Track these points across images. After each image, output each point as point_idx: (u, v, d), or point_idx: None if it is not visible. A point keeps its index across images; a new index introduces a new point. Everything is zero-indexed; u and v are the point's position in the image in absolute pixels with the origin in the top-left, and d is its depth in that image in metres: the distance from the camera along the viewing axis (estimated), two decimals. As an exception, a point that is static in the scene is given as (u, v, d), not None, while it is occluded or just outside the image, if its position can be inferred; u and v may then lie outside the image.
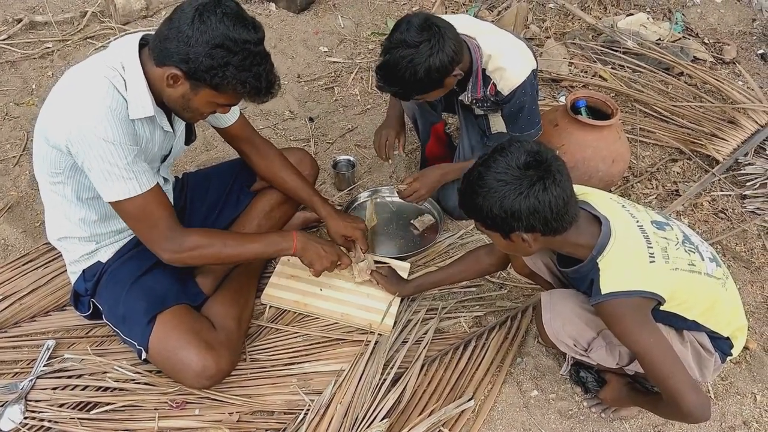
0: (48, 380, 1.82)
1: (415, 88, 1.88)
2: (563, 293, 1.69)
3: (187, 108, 1.59)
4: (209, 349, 1.73)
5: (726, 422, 1.85)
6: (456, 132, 2.80)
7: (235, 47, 1.46)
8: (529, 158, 1.38)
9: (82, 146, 1.50)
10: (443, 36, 1.82)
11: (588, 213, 1.51)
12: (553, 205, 1.37)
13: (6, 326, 2.00)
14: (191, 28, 1.45)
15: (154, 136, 1.69)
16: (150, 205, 1.63)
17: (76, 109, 1.50)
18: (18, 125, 2.91)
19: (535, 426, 1.83)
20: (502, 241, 1.48)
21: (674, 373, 1.42)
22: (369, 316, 2.03)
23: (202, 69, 1.47)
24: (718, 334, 1.60)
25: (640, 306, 1.44)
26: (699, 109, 3.00)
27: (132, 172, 1.57)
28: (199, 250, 1.71)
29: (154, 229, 1.66)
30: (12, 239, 2.34)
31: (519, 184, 1.36)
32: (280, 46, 3.55)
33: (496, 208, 1.39)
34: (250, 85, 1.51)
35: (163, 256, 1.69)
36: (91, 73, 1.55)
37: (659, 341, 1.44)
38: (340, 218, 2.08)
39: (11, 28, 3.48)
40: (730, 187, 2.70)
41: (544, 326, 1.67)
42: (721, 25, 3.86)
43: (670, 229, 1.54)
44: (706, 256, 1.55)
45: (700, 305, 1.54)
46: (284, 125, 3.01)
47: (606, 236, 1.46)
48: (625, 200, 1.60)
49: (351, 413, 1.74)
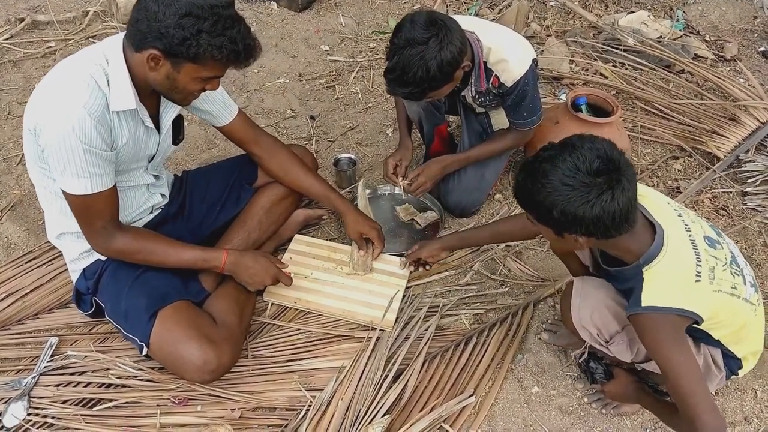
0: (51, 377, 1.83)
1: (429, 85, 1.87)
2: (596, 282, 1.66)
3: (175, 88, 1.59)
4: (211, 343, 1.74)
5: (727, 418, 1.85)
6: (457, 131, 2.80)
7: (203, 13, 1.46)
8: (601, 165, 1.30)
9: (47, 134, 1.53)
10: (449, 29, 1.83)
11: (643, 217, 1.46)
12: (616, 215, 1.31)
13: (9, 324, 2.01)
14: (157, 4, 1.46)
15: (136, 133, 1.70)
16: (94, 205, 1.65)
17: (51, 101, 1.53)
18: (20, 124, 2.89)
19: (536, 422, 1.84)
20: (552, 235, 1.43)
21: (697, 393, 1.40)
22: (371, 312, 2.04)
23: (176, 42, 1.47)
24: (732, 353, 1.59)
25: (676, 324, 1.41)
26: (700, 106, 3.00)
27: (87, 171, 1.58)
28: (126, 253, 1.78)
29: (90, 225, 1.70)
30: (15, 237, 2.35)
31: (587, 191, 1.29)
32: (281, 44, 3.55)
33: (557, 211, 1.32)
34: (227, 49, 1.50)
35: (92, 246, 1.76)
36: (74, 68, 1.58)
37: (688, 360, 1.41)
38: (358, 215, 2.11)
39: (14, 27, 3.49)
40: (731, 184, 2.70)
41: (572, 311, 1.65)
42: (722, 22, 3.86)
43: (720, 248, 1.50)
44: (748, 280, 1.53)
45: (729, 327, 1.52)
46: (285, 123, 3.01)
47: (658, 246, 1.41)
48: (682, 207, 1.55)
49: (352, 409, 1.75)
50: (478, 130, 2.40)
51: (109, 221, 1.71)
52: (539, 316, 2.13)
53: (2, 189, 2.58)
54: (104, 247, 1.75)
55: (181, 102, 1.70)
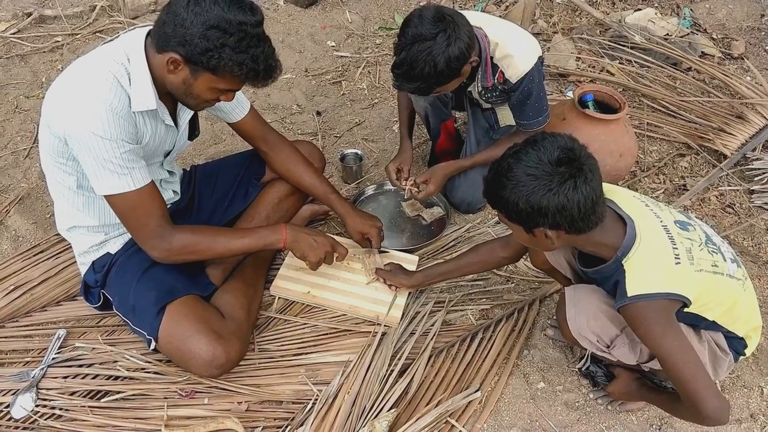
0: (59, 369, 1.84)
1: (436, 80, 1.87)
2: (587, 289, 1.65)
3: (189, 94, 1.59)
4: (219, 338, 1.74)
5: (733, 415, 1.85)
6: (463, 127, 2.81)
7: (231, 28, 1.46)
8: (561, 154, 1.34)
9: (78, 139, 1.52)
10: (457, 24, 1.83)
11: (613, 212, 1.48)
12: (581, 205, 1.34)
13: (17, 316, 2.02)
14: (186, 11, 1.45)
15: (157, 131, 1.70)
16: (142, 203, 1.63)
17: (77, 103, 1.52)
18: (28, 118, 2.93)
19: (542, 417, 1.84)
20: (524, 234, 1.45)
21: (696, 377, 1.41)
22: (377, 308, 2.04)
23: (198, 51, 1.47)
24: (734, 334, 1.59)
25: (666, 308, 1.42)
26: (707, 104, 2.99)
27: (126, 168, 1.57)
28: (189, 249, 1.73)
29: (145, 227, 1.67)
30: (23, 230, 2.36)
31: (549, 180, 1.33)
32: (287, 40, 3.55)
33: (523, 202, 1.35)
34: (247, 67, 1.50)
35: (152, 254, 1.70)
36: (96, 67, 1.56)
37: (682, 344, 1.42)
38: (357, 216, 2.10)
39: (21, 21, 3.51)
40: (738, 182, 2.69)
41: (568, 322, 1.64)
42: (729, 20, 3.85)
43: (693, 230, 1.51)
44: (727, 256, 1.54)
45: (721, 306, 1.52)
46: (292, 119, 3.02)
47: (631, 237, 1.43)
48: (649, 199, 1.57)
49: (359, 403, 1.75)
50: (484, 126, 2.40)
51: (162, 218, 1.68)
52: (545, 312, 2.13)
53: (10, 182, 2.59)
54: (167, 249, 1.69)
55: (195, 107, 1.71)
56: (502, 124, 2.40)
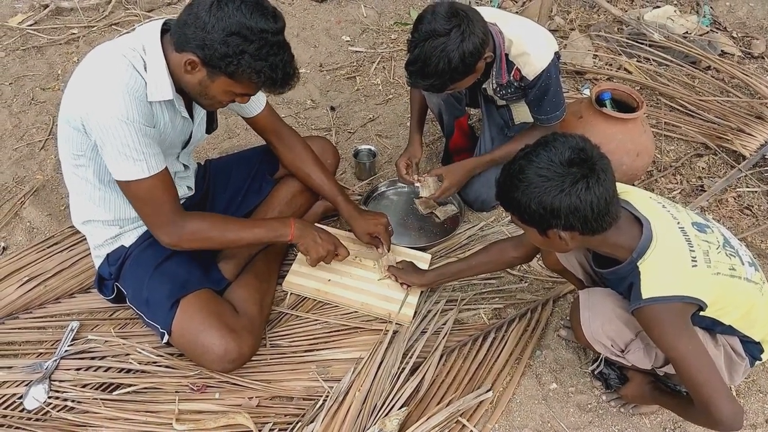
0: (72, 361, 1.85)
1: (450, 77, 1.85)
2: (602, 292, 1.64)
3: (205, 95, 1.59)
4: (231, 333, 1.74)
5: (748, 420, 1.83)
6: (477, 124, 2.78)
7: (252, 36, 1.45)
8: (573, 155, 1.33)
9: (96, 123, 1.51)
10: (471, 20, 1.81)
11: (628, 213, 1.47)
12: (594, 205, 1.32)
13: (31, 307, 2.03)
14: (209, 15, 1.45)
15: (174, 122, 1.70)
16: (156, 189, 1.64)
17: (93, 87, 1.52)
18: (44, 110, 2.95)
19: (554, 419, 1.82)
20: (538, 236, 1.44)
21: (710, 381, 1.39)
22: (389, 306, 2.03)
23: (218, 56, 1.47)
24: (750, 338, 1.57)
25: (681, 311, 1.40)
26: (726, 103, 2.95)
27: (142, 154, 1.57)
28: (199, 235, 1.74)
29: (158, 213, 1.68)
30: (37, 222, 2.37)
31: (561, 181, 1.32)
32: (302, 35, 3.55)
33: (535, 203, 1.35)
34: (265, 75, 1.50)
35: (163, 239, 1.72)
36: (111, 53, 1.56)
37: (697, 348, 1.40)
38: (361, 217, 2.09)
39: (38, 13, 3.52)
40: (757, 183, 2.65)
41: (582, 325, 1.62)
42: (750, 18, 3.79)
43: (711, 232, 1.49)
44: (745, 260, 1.52)
45: (738, 310, 1.50)
46: (306, 114, 3.01)
47: (647, 239, 1.41)
48: (665, 199, 1.56)
49: (369, 401, 1.75)
50: (499, 123, 2.38)
51: (174, 205, 1.70)
52: (558, 312, 2.11)
53: (26, 174, 2.61)
54: (179, 235, 1.71)
55: (208, 107, 1.71)
56: (517, 122, 2.38)
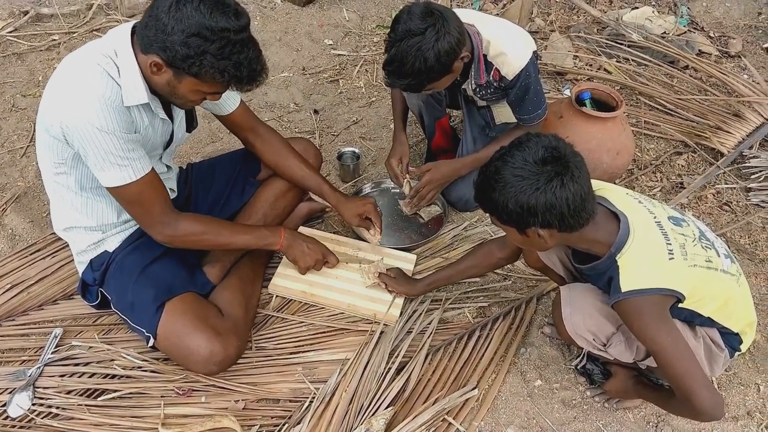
0: (56, 367, 1.84)
1: (426, 76, 1.87)
2: (582, 288, 1.66)
3: (175, 95, 1.58)
4: (217, 335, 1.75)
5: (730, 412, 1.86)
6: (460, 125, 2.80)
7: (212, 35, 1.43)
8: (546, 153, 1.36)
9: (76, 135, 1.52)
10: (446, 19, 1.83)
11: (605, 209, 1.49)
12: (570, 202, 1.35)
13: (14, 314, 2.01)
14: (168, 16, 1.43)
15: (154, 124, 1.70)
16: (145, 191, 1.66)
17: (70, 98, 1.51)
18: (25, 117, 2.93)
19: (539, 415, 1.84)
20: (518, 236, 1.46)
21: (690, 372, 1.41)
22: (374, 306, 2.04)
23: (179, 58, 1.45)
24: (729, 330, 1.59)
25: (659, 304, 1.43)
26: (704, 102, 2.99)
27: (127, 159, 1.58)
28: (193, 236, 1.78)
29: (149, 214, 1.70)
30: (19, 229, 2.36)
31: (536, 179, 1.34)
32: (285, 39, 3.55)
33: (512, 203, 1.37)
34: (229, 74, 1.49)
35: (157, 238, 1.75)
36: (84, 61, 1.56)
37: (676, 339, 1.42)
38: (349, 201, 2.12)
39: (18, 20, 3.49)
40: (735, 179, 2.70)
41: (564, 321, 1.64)
42: (726, 18, 3.85)
43: (686, 225, 1.52)
44: (721, 252, 1.54)
45: (715, 302, 1.53)
46: (289, 117, 3.02)
47: (625, 233, 1.44)
48: (642, 195, 1.58)
49: (356, 401, 1.75)
50: (480, 123, 2.40)
51: (165, 205, 1.72)
52: (542, 309, 2.13)
53: (7, 181, 2.59)
54: (171, 234, 1.74)
55: (181, 106, 1.71)
56: (498, 122, 2.40)
